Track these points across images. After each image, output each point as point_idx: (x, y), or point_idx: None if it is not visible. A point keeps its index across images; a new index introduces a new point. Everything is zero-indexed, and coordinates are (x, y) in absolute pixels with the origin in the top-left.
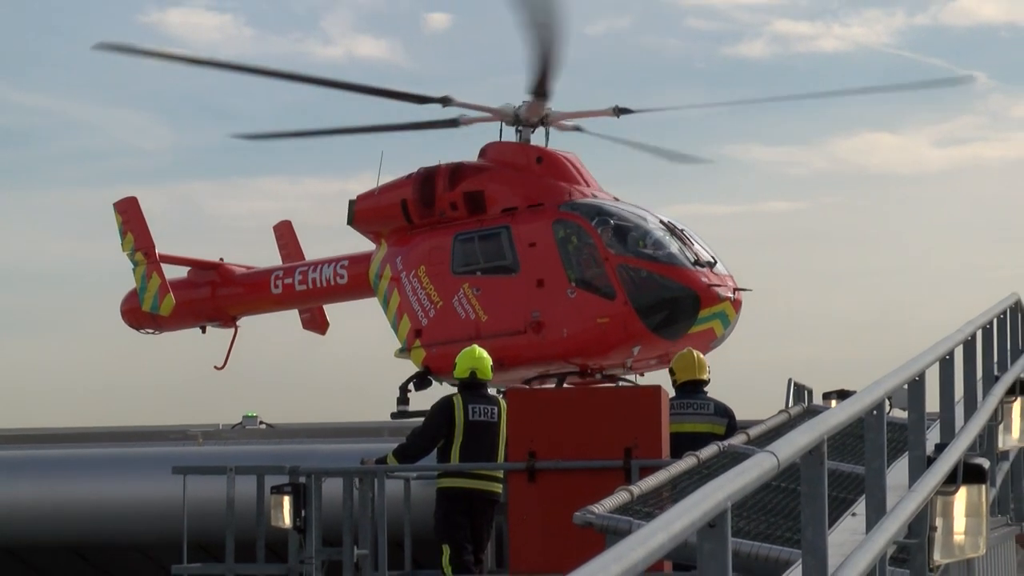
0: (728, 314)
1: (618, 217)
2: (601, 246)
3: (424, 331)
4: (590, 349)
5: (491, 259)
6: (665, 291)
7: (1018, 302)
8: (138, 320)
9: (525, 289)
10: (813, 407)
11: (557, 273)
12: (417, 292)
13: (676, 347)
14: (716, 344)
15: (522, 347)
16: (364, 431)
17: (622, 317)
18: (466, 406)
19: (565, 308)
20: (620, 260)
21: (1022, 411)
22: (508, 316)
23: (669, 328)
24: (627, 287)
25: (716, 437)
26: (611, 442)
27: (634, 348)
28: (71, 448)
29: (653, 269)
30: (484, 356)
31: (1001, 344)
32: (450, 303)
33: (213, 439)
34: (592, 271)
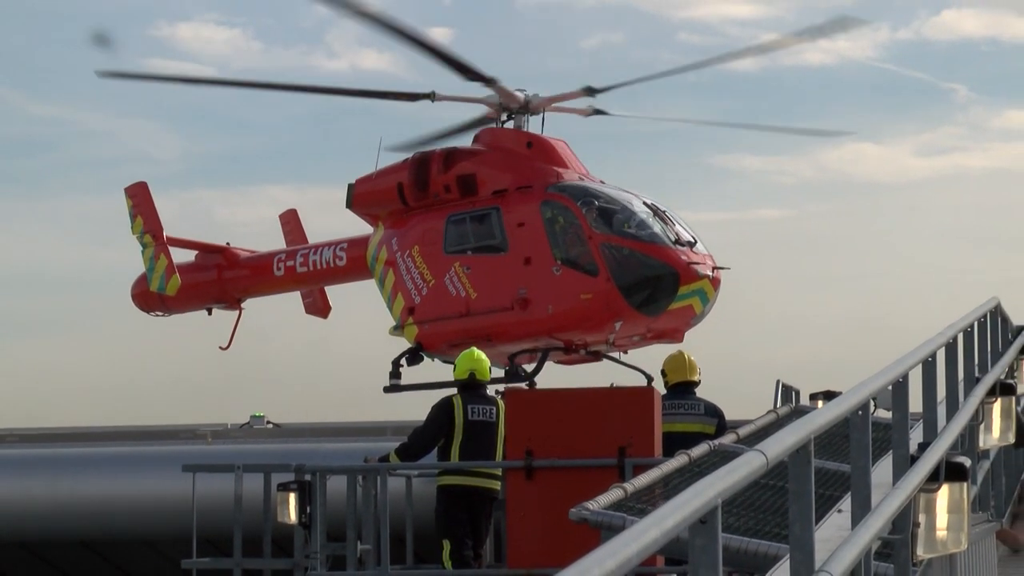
0: (707, 291)
1: (603, 198)
2: (585, 225)
3: (417, 309)
4: (574, 324)
5: (481, 239)
6: (646, 268)
7: (998, 306)
8: (147, 303)
9: (513, 267)
10: (800, 407)
11: (543, 252)
12: (411, 271)
13: (657, 323)
14: (696, 320)
15: (509, 323)
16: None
17: (604, 293)
18: (465, 406)
19: (550, 285)
20: (603, 239)
21: (1002, 411)
22: (496, 293)
23: (650, 304)
24: (610, 264)
25: (707, 436)
26: (605, 441)
27: (616, 323)
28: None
29: (635, 247)
30: (483, 358)
31: (982, 347)
32: (442, 281)
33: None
34: (576, 249)
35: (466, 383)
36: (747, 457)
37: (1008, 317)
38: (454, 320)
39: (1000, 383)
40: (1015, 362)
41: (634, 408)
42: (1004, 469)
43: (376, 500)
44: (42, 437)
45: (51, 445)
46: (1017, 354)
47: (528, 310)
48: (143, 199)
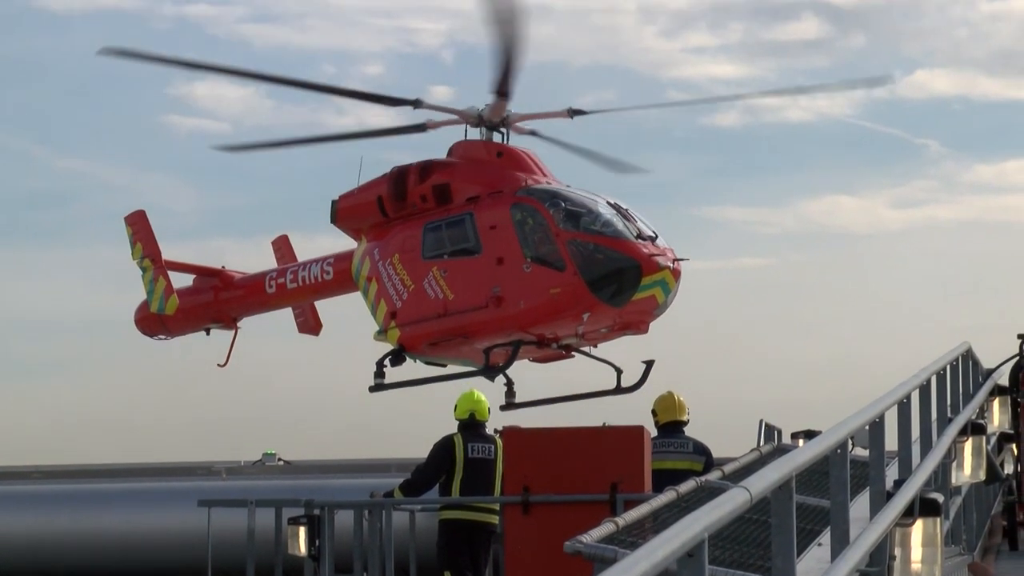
0: (668, 282)
1: (568, 199)
2: (552, 224)
3: (399, 313)
4: (545, 318)
5: (456, 243)
6: (610, 261)
7: (969, 350)
8: (149, 327)
9: (486, 267)
10: (782, 446)
11: (514, 251)
12: (392, 278)
13: (622, 314)
14: (659, 311)
15: (484, 320)
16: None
17: (572, 287)
18: (466, 445)
19: (522, 282)
20: (570, 236)
21: (973, 450)
22: (472, 293)
23: (615, 295)
24: (576, 259)
25: (694, 473)
26: (598, 478)
27: (584, 315)
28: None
29: (599, 242)
30: (482, 399)
31: (954, 389)
32: (421, 285)
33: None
34: (545, 247)
35: (466, 423)
36: (732, 493)
37: (978, 360)
38: (433, 321)
39: (971, 423)
40: (985, 403)
41: (625, 446)
42: (975, 505)
43: (381, 533)
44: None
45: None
46: (987, 396)
47: (502, 307)
48: (142, 226)
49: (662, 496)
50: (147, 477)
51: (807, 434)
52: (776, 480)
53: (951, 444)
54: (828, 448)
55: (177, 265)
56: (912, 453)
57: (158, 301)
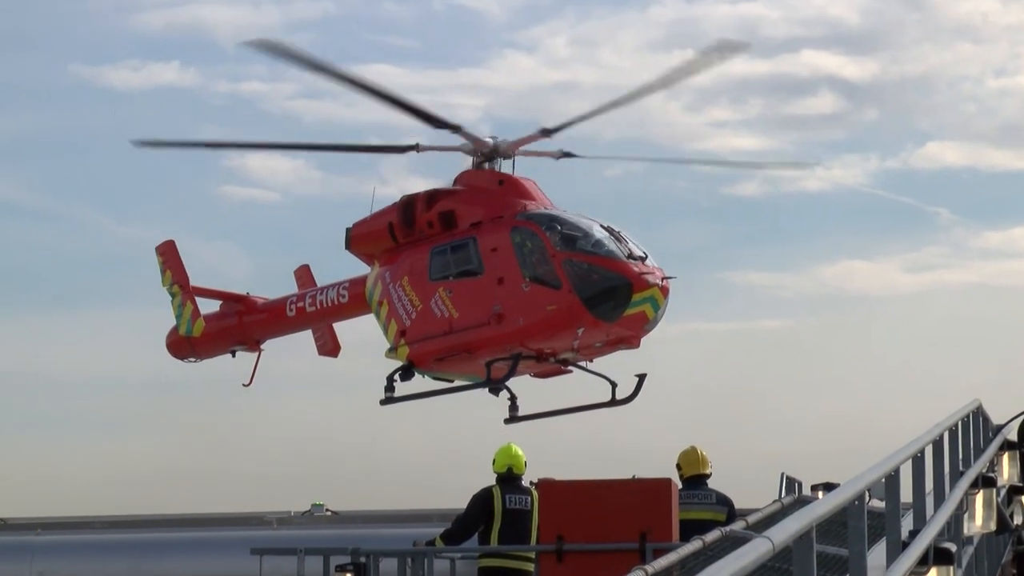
0: (657, 299)
1: (564, 222)
2: (549, 245)
3: (408, 331)
4: (542, 333)
5: (460, 265)
6: (602, 279)
7: (979, 407)
8: (180, 350)
9: (488, 287)
10: (803, 497)
11: (514, 271)
12: (402, 299)
13: (615, 329)
14: (649, 327)
15: (487, 337)
16: (415, 517)
17: (567, 303)
18: (504, 496)
19: (520, 300)
20: (565, 256)
21: (984, 502)
22: (475, 311)
23: (607, 311)
24: (571, 278)
25: (718, 523)
26: (628, 527)
27: (579, 330)
28: (164, 532)
29: (592, 261)
30: (519, 454)
31: (965, 443)
32: (428, 305)
33: (285, 524)
34: (542, 267)
35: (504, 476)
36: (755, 543)
37: (988, 417)
38: (439, 338)
39: (982, 476)
40: (995, 457)
41: (653, 498)
42: (987, 554)
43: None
44: (124, 523)
45: (132, 531)
46: (997, 450)
47: (503, 324)
48: (171, 255)
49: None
50: (202, 527)
51: (826, 486)
52: (797, 530)
53: (963, 496)
54: (846, 500)
55: (204, 291)
56: (926, 505)
57: (186, 324)
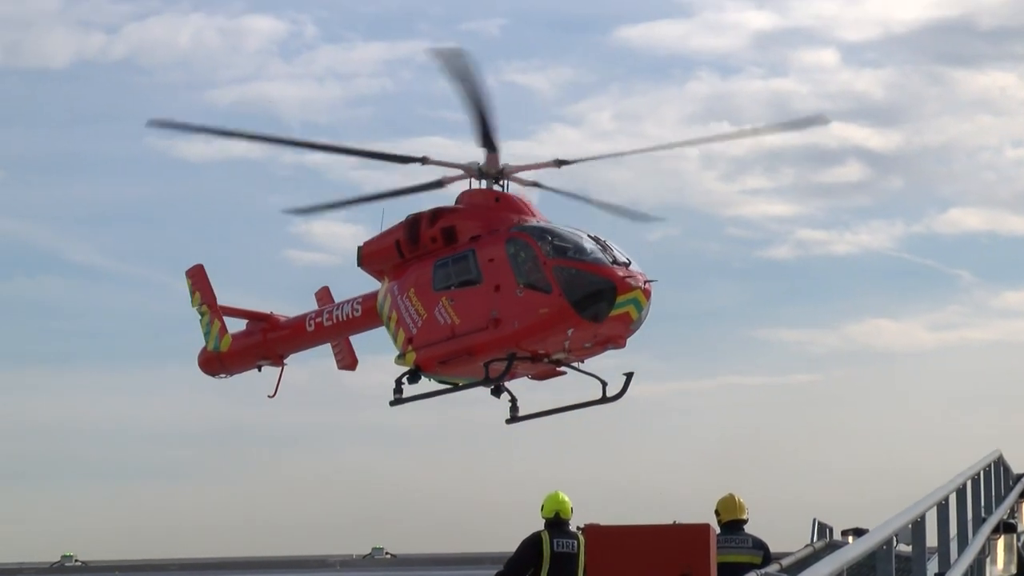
0: (640, 300)
1: (555, 233)
2: (540, 254)
3: (414, 338)
4: (535, 335)
5: (461, 275)
6: (589, 283)
7: (1000, 457)
8: (211, 367)
9: (486, 294)
10: (834, 542)
11: (509, 279)
12: (408, 309)
13: (602, 329)
14: (634, 327)
15: (485, 340)
16: (468, 560)
17: (557, 306)
18: (552, 540)
19: (515, 305)
20: (555, 263)
21: (1005, 546)
22: (474, 317)
23: (594, 312)
24: (560, 283)
25: (754, 566)
26: (669, 570)
27: (568, 331)
28: (234, 573)
29: (580, 267)
30: (566, 500)
31: (987, 491)
32: (432, 314)
33: (348, 567)
34: (534, 275)
35: (552, 521)
36: None
37: (1009, 466)
38: (443, 343)
39: (1003, 522)
40: (1016, 505)
41: (693, 542)
42: None
43: None
44: (196, 566)
45: (204, 572)
46: (1017, 498)
47: (500, 327)
48: (200, 278)
49: None
50: (268, 570)
51: (856, 531)
52: (828, 574)
53: (985, 541)
54: (875, 544)
55: (231, 310)
56: (950, 549)
57: (214, 340)
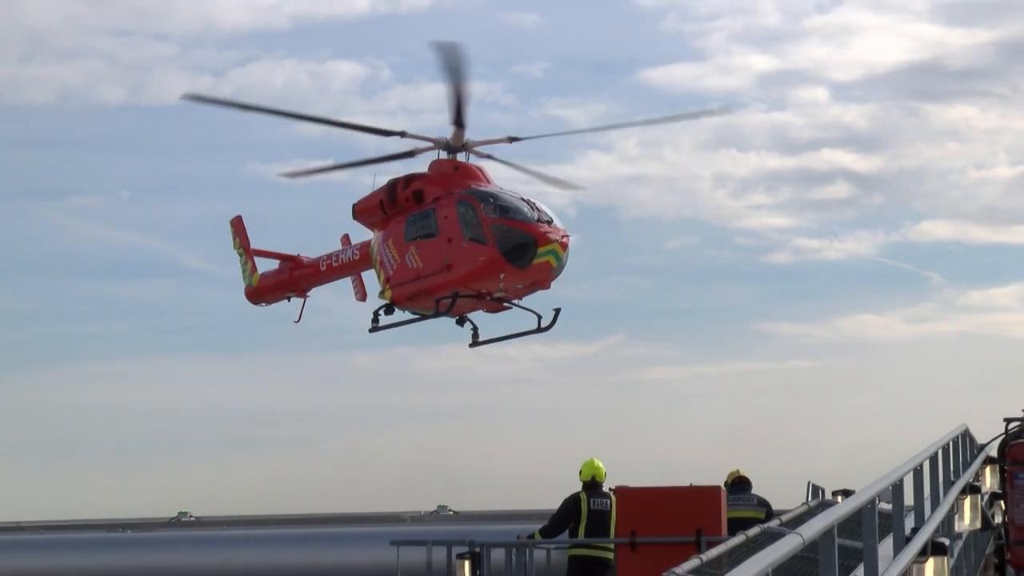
0: (558, 251)
1: (495, 196)
2: (481, 213)
3: (390, 279)
4: (475, 278)
5: (424, 229)
6: (516, 237)
7: (966, 430)
8: (252, 297)
9: (441, 245)
10: (825, 501)
11: (457, 233)
12: (387, 256)
13: (527, 274)
14: (555, 272)
15: (440, 281)
16: (519, 516)
17: (492, 256)
18: (589, 500)
19: (462, 254)
20: (491, 221)
21: (971, 506)
22: (433, 263)
23: (520, 261)
24: (495, 237)
25: (759, 521)
26: (687, 525)
27: (501, 275)
28: (323, 527)
29: (510, 224)
30: (600, 466)
31: (955, 459)
32: (403, 259)
33: (417, 521)
34: (476, 230)
35: (589, 483)
36: (789, 538)
37: (974, 438)
38: (410, 283)
39: (969, 485)
40: (979, 470)
41: (706, 501)
42: (973, 546)
43: (526, 566)
44: (294, 521)
45: (300, 526)
46: (981, 464)
47: (451, 271)
48: (239, 227)
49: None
50: (353, 523)
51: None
52: (822, 528)
53: (954, 501)
54: (861, 503)
55: (263, 252)
56: (924, 507)
57: (247, 277)
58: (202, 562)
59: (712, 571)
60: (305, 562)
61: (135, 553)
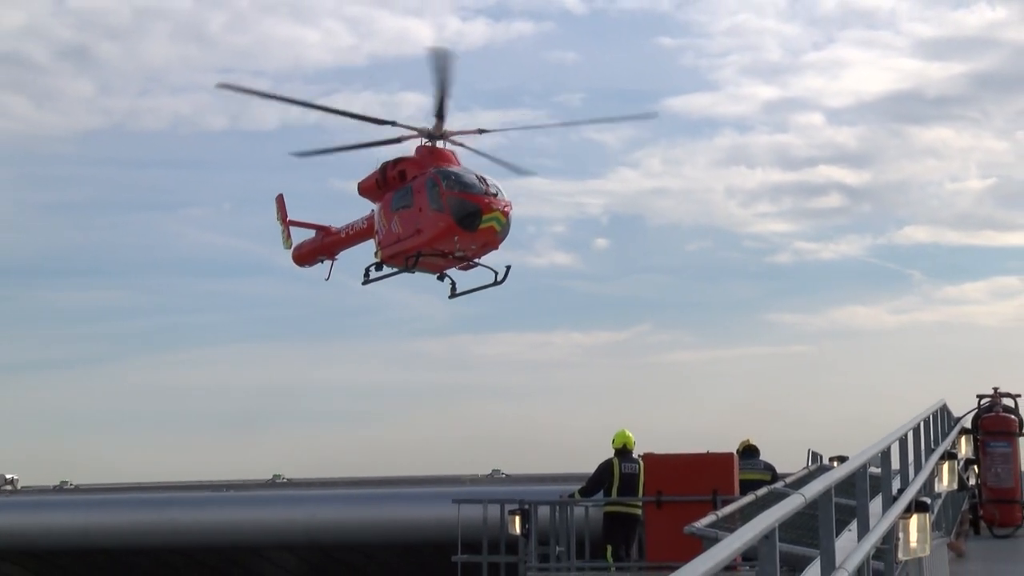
0: (500, 218)
1: (455, 174)
2: (442, 188)
3: (380, 241)
4: (438, 241)
5: (404, 201)
6: (466, 207)
7: (944, 405)
8: (297, 261)
9: (415, 214)
10: (823, 466)
11: (426, 204)
12: (379, 223)
13: (476, 237)
14: (500, 235)
15: (412, 244)
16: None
17: (447, 222)
18: (620, 464)
19: (428, 221)
20: (449, 194)
21: (949, 470)
22: (408, 228)
23: (469, 226)
24: (450, 207)
25: (766, 483)
26: (704, 485)
27: (455, 238)
28: (396, 488)
29: (462, 196)
30: (630, 435)
31: (935, 429)
32: (390, 226)
33: (475, 483)
34: (438, 202)
35: (620, 450)
36: (792, 497)
37: (951, 412)
38: (393, 245)
39: (947, 452)
40: (956, 439)
41: (721, 465)
42: (951, 504)
43: (568, 520)
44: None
45: (375, 487)
46: (957, 434)
47: (420, 235)
48: (280, 204)
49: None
50: (422, 484)
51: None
52: (821, 488)
53: (934, 465)
54: (854, 468)
55: (299, 223)
56: (909, 471)
57: (285, 243)
58: (293, 517)
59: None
60: (380, 517)
61: (237, 509)
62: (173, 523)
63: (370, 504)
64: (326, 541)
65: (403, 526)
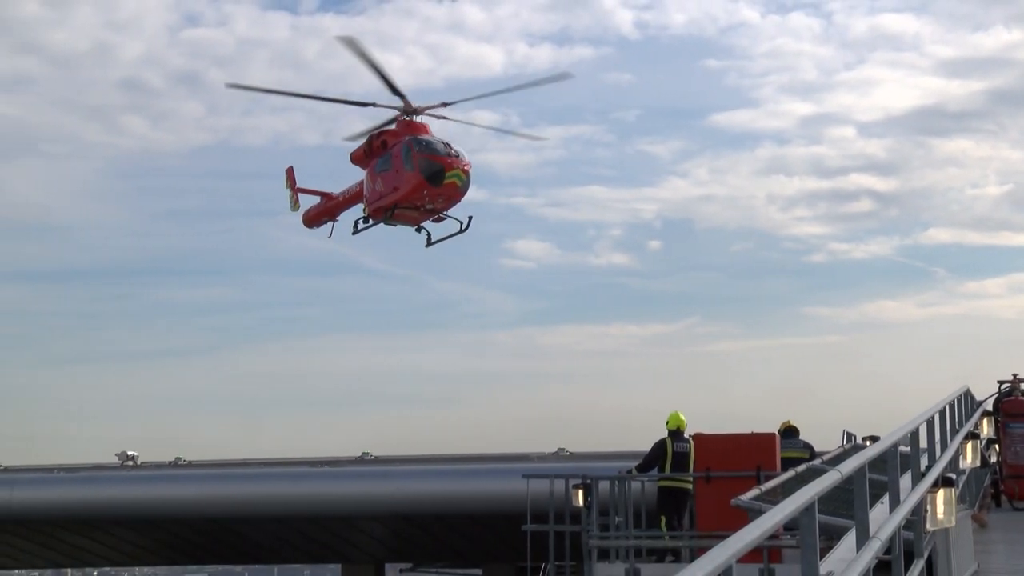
0: (460, 175)
1: (425, 140)
2: (414, 151)
3: (367, 199)
4: (412, 196)
5: (385, 165)
6: (431, 166)
7: (968, 390)
8: (307, 223)
9: (393, 176)
10: (857, 445)
11: (401, 166)
12: (367, 184)
13: (442, 192)
14: (462, 190)
15: (391, 199)
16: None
17: (418, 179)
18: (673, 443)
19: (403, 180)
20: (419, 156)
21: (972, 448)
22: (387, 187)
23: (435, 182)
24: (420, 167)
25: (804, 460)
26: (749, 462)
27: (424, 192)
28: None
29: (429, 157)
30: (683, 417)
31: (959, 411)
32: (374, 186)
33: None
34: (410, 163)
35: (673, 430)
36: (830, 474)
37: (974, 396)
38: (376, 201)
39: (970, 432)
40: (978, 421)
41: (764, 444)
42: (975, 480)
43: (626, 494)
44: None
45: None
46: (979, 416)
47: (397, 191)
48: (291, 174)
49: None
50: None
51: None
52: (856, 465)
53: (959, 445)
54: (886, 447)
55: (306, 190)
56: (936, 450)
57: (293, 207)
58: (380, 490)
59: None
60: (456, 490)
61: (330, 483)
62: (274, 495)
63: (449, 479)
64: (409, 512)
65: (478, 498)
